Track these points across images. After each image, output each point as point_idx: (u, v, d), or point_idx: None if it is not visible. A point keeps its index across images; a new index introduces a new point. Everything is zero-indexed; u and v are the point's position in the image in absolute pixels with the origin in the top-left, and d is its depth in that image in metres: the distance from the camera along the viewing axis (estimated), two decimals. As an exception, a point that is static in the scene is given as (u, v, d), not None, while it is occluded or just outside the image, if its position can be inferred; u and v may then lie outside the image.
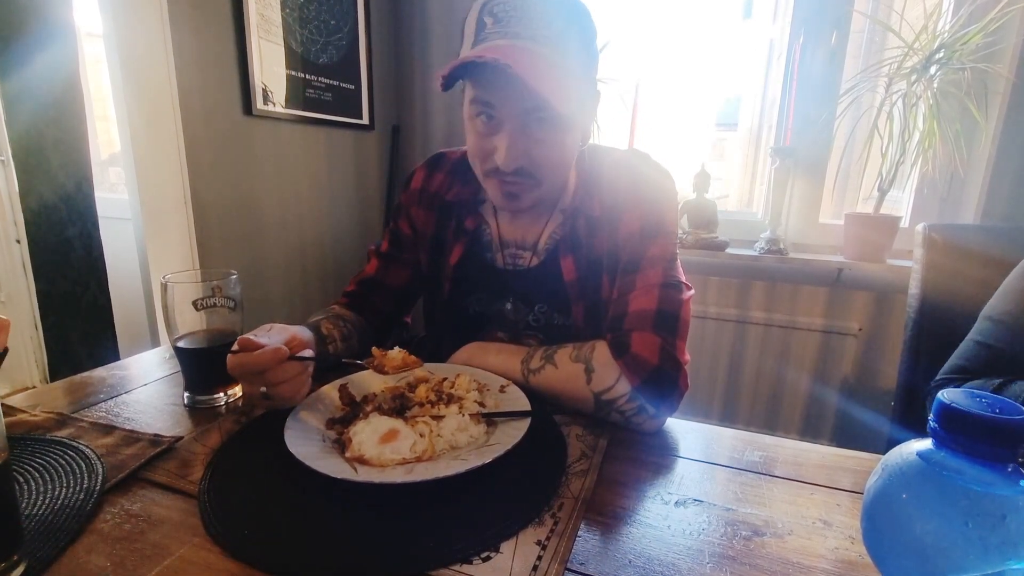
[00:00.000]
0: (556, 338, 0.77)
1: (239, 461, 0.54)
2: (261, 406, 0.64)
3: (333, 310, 0.87)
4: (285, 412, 0.58)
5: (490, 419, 0.60)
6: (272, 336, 0.63)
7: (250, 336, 0.61)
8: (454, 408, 0.60)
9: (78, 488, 0.48)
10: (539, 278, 0.81)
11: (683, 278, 0.74)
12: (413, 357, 0.65)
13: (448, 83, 0.65)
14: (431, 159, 0.91)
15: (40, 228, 1.24)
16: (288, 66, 1.67)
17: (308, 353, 0.63)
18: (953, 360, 0.84)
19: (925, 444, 0.34)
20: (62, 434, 0.58)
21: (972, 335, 0.83)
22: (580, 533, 0.45)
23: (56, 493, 0.47)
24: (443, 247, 0.86)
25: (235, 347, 0.60)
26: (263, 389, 0.60)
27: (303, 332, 0.69)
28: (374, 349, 0.65)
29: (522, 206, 0.74)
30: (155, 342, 1.54)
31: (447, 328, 0.88)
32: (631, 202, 0.76)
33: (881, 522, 0.35)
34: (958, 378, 0.81)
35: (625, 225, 0.76)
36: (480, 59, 0.61)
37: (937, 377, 0.85)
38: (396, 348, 0.65)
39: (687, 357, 0.68)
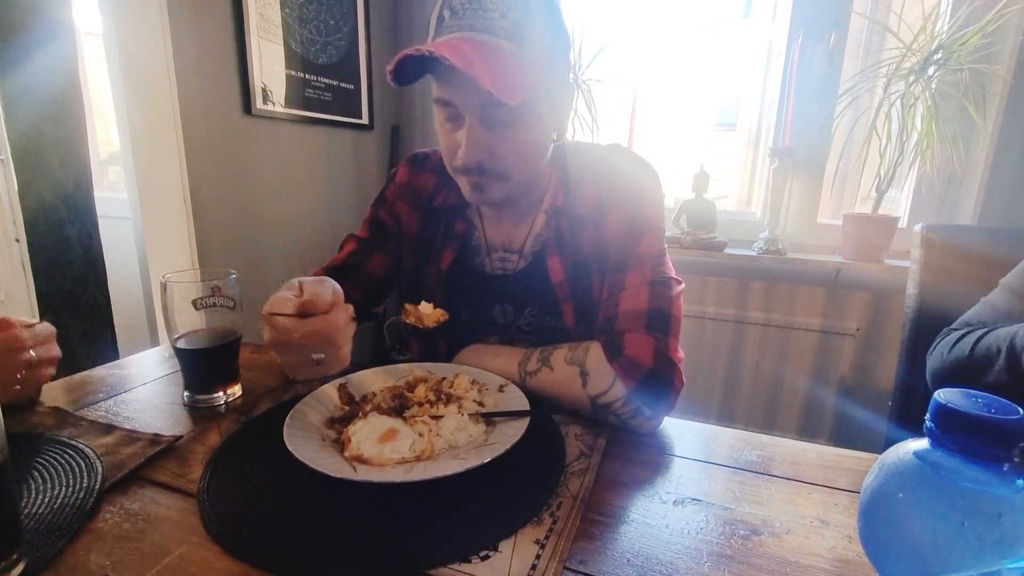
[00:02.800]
0: (548, 340, 0.75)
1: (238, 460, 0.54)
2: (302, 376, 0.60)
3: None
4: (284, 409, 0.58)
5: (489, 419, 0.60)
6: (320, 288, 0.58)
7: (308, 286, 0.55)
8: (453, 408, 0.60)
9: (77, 487, 0.48)
10: (526, 281, 0.80)
11: (672, 273, 0.73)
12: (440, 310, 0.70)
13: (398, 78, 0.65)
14: (415, 157, 0.89)
15: (39, 227, 1.24)
16: (288, 66, 1.67)
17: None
18: (963, 316, 0.88)
19: (921, 443, 0.34)
20: (62, 433, 0.58)
21: (986, 296, 0.87)
22: (579, 532, 0.45)
23: (56, 492, 0.47)
24: (430, 252, 0.84)
25: (297, 309, 0.55)
26: (319, 356, 0.56)
27: (332, 282, 0.63)
28: (407, 305, 0.67)
29: (489, 199, 0.73)
30: (154, 341, 1.54)
31: (443, 334, 0.87)
32: (615, 201, 0.75)
33: (878, 521, 0.35)
34: (961, 330, 0.86)
35: (611, 224, 0.75)
36: (417, 52, 0.60)
37: (945, 328, 0.89)
38: (423, 303, 0.69)
39: (681, 355, 0.68)
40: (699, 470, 0.56)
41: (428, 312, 0.71)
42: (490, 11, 0.63)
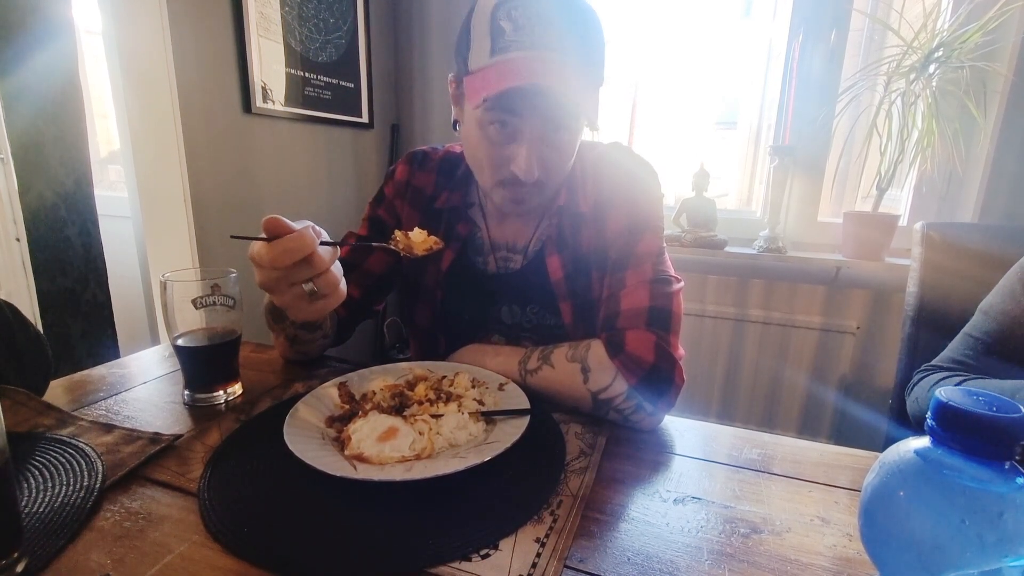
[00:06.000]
0: (549, 339, 0.76)
1: (238, 459, 0.54)
2: (302, 314, 0.58)
3: None
4: (284, 408, 0.58)
5: (489, 417, 0.60)
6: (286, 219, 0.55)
7: (277, 219, 0.53)
8: (453, 406, 0.60)
9: (78, 486, 0.48)
10: (527, 279, 0.80)
11: (672, 271, 0.73)
12: (434, 237, 0.64)
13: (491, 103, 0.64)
14: (414, 155, 0.88)
15: (40, 226, 1.24)
16: (287, 64, 1.66)
17: (326, 237, 0.57)
18: (944, 352, 0.87)
19: (922, 442, 0.34)
20: (62, 432, 0.58)
21: (965, 327, 0.86)
22: (579, 530, 0.45)
23: (56, 491, 0.47)
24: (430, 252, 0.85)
25: (264, 234, 0.53)
26: (308, 285, 0.55)
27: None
28: (397, 232, 0.64)
29: (527, 209, 0.75)
30: (155, 340, 1.54)
31: (442, 333, 0.87)
32: (617, 199, 0.76)
33: (878, 519, 0.35)
34: (944, 367, 0.84)
35: (612, 223, 0.76)
36: (529, 84, 0.60)
37: (925, 364, 0.87)
38: (416, 229, 0.64)
39: (681, 352, 0.68)
40: (699, 468, 0.56)
41: (419, 240, 0.64)
42: (557, 29, 0.63)
